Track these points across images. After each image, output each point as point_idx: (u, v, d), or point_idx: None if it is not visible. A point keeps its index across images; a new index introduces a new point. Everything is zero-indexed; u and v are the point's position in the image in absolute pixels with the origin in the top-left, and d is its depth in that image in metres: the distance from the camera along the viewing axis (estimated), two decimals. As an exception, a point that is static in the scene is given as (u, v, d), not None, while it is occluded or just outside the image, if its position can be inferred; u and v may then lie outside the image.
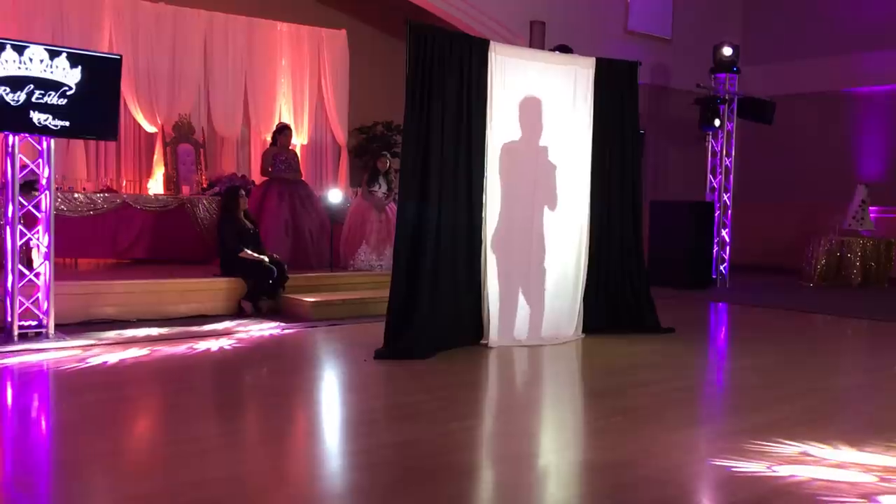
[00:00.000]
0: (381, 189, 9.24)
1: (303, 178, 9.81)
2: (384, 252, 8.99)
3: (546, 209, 6.84)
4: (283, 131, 9.69)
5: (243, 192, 8.36)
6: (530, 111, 6.73)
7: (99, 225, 8.77)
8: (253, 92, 11.23)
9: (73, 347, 6.02)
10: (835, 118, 13.65)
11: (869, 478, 3.60)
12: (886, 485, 3.53)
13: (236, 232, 7.99)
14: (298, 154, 10.50)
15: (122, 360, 5.67)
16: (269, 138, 10.02)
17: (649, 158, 12.41)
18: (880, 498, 3.37)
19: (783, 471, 3.65)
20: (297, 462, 3.89)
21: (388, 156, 9.71)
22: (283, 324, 7.28)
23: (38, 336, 6.21)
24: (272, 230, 8.82)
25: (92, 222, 8.72)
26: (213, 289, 7.84)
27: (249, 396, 5.27)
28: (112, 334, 6.53)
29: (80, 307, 7.01)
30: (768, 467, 3.69)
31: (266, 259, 7.89)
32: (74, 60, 6.14)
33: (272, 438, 4.22)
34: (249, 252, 7.89)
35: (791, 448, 3.96)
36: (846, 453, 3.92)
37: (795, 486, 3.48)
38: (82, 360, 5.65)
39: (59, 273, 6.91)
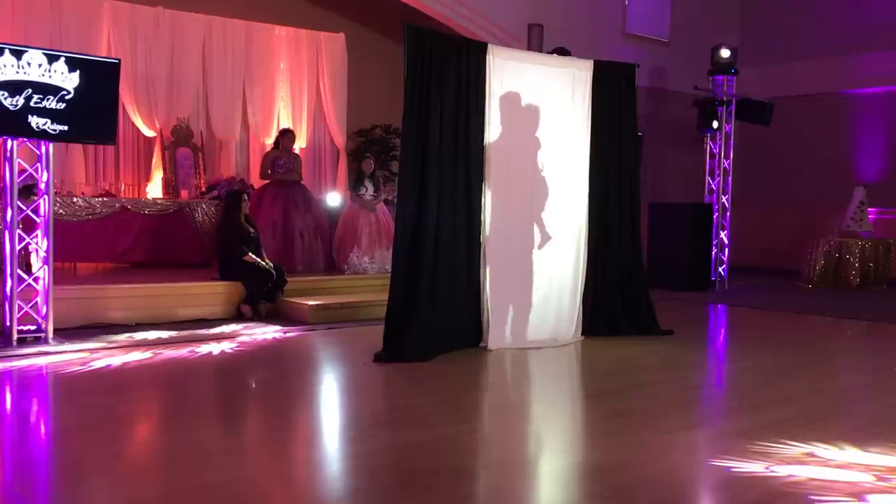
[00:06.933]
0: (367, 191, 9.28)
1: (302, 182, 9.80)
2: (375, 254, 9.03)
3: (544, 212, 6.85)
4: (286, 134, 9.76)
5: (245, 196, 8.36)
6: (529, 114, 6.74)
7: (98, 229, 8.76)
8: (251, 96, 11.22)
9: (72, 351, 6.02)
10: (833, 119, 13.66)
11: (868, 477, 3.60)
12: (884, 483, 3.54)
13: (238, 235, 8.00)
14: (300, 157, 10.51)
15: (124, 364, 5.67)
16: (268, 142, 10.02)
17: (648, 160, 12.42)
18: (878, 497, 3.38)
19: (783, 471, 3.65)
20: (298, 466, 3.89)
21: (372, 158, 9.74)
22: (283, 327, 7.28)
23: (38, 340, 6.22)
24: (260, 231, 8.81)
25: (91, 226, 8.72)
26: (213, 293, 7.84)
27: (251, 400, 5.27)
28: (112, 338, 6.53)
29: (79, 311, 7.00)
30: (768, 468, 3.69)
31: (268, 263, 7.92)
32: (73, 65, 6.14)
33: (273, 442, 4.22)
34: (252, 255, 7.90)
35: (792, 449, 3.96)
36: (847, 453, 3.92)
37: (795, 487, 3.47)
38: (82, 363, 5.64)
39: (58, 277, 6.93)
